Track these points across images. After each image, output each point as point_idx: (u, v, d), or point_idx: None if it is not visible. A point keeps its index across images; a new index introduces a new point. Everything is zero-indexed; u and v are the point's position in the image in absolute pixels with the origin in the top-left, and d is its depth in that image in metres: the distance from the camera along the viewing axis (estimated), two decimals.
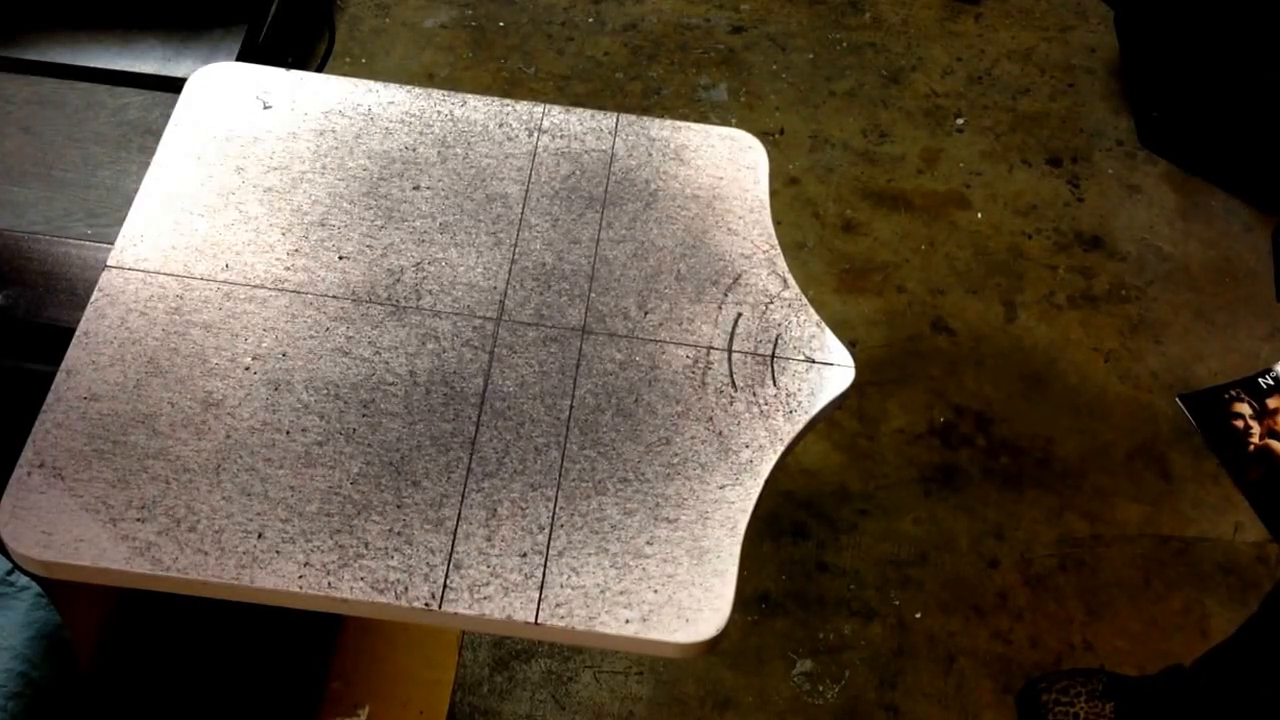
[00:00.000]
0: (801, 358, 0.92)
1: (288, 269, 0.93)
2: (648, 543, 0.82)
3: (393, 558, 0.80)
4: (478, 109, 1.05)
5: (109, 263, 0.92)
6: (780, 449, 0.87)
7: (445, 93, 1.06)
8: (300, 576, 0.78)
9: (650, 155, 1.04)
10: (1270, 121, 1.96)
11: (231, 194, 0.97)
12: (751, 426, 0.88)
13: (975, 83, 2.26)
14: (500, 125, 1.05)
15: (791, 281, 0.97)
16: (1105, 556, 1.68)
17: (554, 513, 0.83)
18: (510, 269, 0.96)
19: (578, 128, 1.05)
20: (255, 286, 0.92)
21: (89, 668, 1.04)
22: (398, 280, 0.94)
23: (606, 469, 0.85)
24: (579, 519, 0.83)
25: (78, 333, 0.88)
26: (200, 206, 0.96)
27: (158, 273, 0.92)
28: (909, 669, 1.56)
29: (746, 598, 1.59)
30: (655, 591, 0.80)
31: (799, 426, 0.88)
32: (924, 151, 2.14)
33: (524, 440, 0.86)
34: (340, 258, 0.95)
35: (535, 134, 1.04)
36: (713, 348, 0.92)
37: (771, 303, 0.95)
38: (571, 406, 0.88)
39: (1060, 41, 2.35)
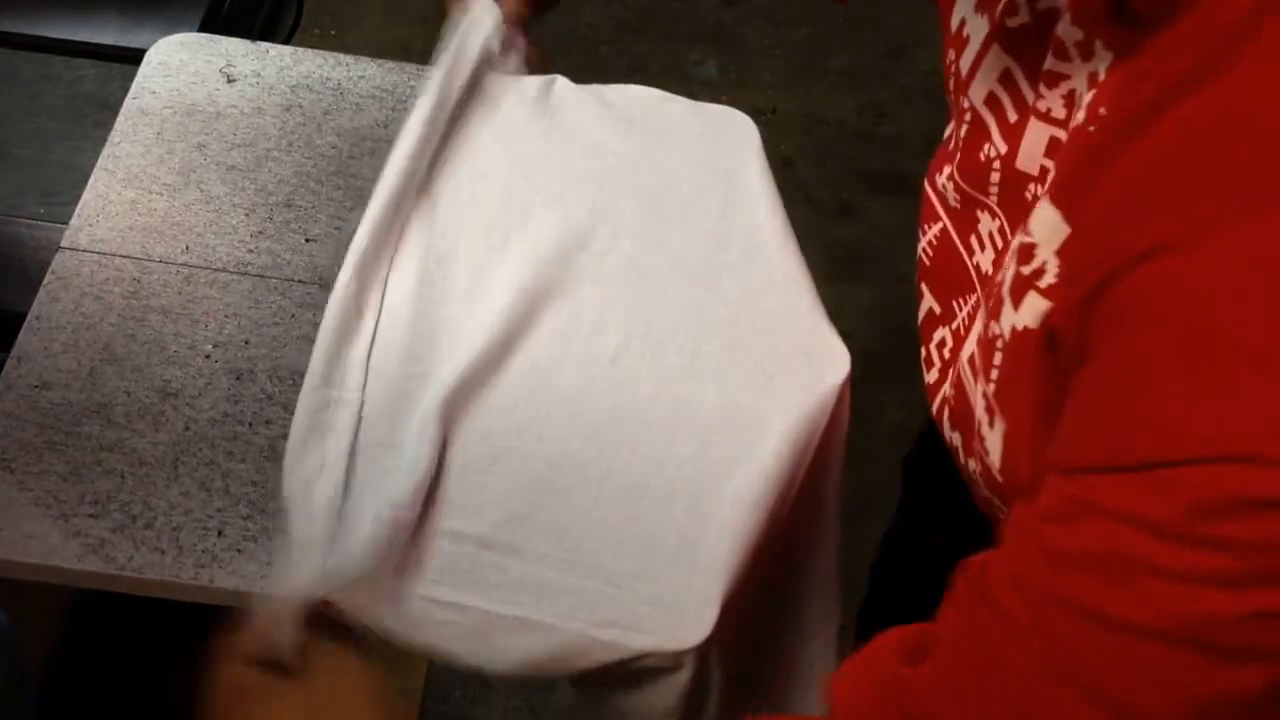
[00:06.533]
0: None
1: (251, 251, 0.91)
2: None
3: None
4: None
5: (63, 244, 0.89)
6: None
7: (419, 67, 1.03)
8: (263, 577, 0.75)
9: None
10: None
11: (192, 172, 0.95)
12: None
13: None
14: None
15: None
16: None
17: None
18: None
19: None
20: (217, 270, 0.89)
21: (41, 669, 1.02)
22: None
23: None
24: None
25: (29, 317, 0.85)
26: (159, 185, 0.94)
27: (114, 255, 0.89)
28: None
29: None
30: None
31: None
32: (924, 132, 2.11)
33: None
34: (307, 240, 0.92)
35: None
36: None
37: None
38: None
39: None
